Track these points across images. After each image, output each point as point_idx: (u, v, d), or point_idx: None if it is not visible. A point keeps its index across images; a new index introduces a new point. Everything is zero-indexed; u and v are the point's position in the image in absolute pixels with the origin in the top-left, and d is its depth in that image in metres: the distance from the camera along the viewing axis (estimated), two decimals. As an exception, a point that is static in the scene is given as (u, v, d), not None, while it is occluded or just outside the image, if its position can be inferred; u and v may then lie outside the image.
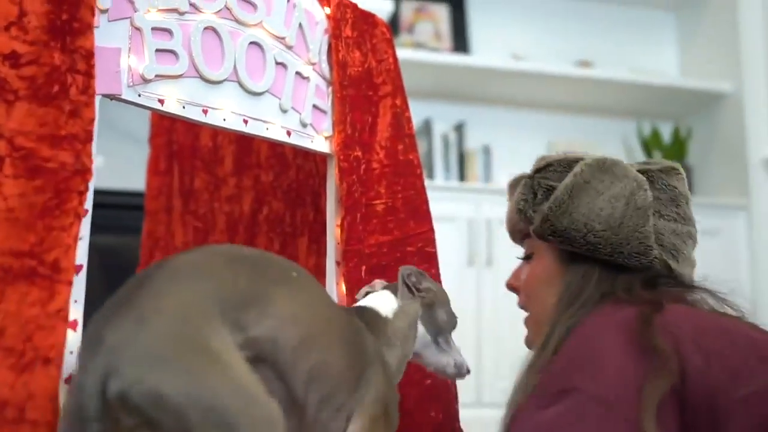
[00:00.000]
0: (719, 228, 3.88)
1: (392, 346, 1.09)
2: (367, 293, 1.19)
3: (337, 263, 1.36)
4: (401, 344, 1.10)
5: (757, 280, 3.83)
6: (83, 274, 0.97)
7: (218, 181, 1.72)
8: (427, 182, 3.70)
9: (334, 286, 1.35)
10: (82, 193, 0.97)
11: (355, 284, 1.33)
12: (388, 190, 1.46)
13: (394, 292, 1.14)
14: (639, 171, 1.20)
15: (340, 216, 1.37)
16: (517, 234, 1.29)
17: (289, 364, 0.86)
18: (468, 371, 1.16)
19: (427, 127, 3.83)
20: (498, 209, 3.60)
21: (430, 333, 1.14)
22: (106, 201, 3.16)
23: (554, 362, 1.00)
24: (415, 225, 1.44)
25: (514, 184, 1.31)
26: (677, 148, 4.18)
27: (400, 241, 1.43)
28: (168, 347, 0.74)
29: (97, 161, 1.01)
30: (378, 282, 1.22)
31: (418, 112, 3.89)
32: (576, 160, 1.20)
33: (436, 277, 1.42)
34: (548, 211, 1.15)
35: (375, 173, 1.44)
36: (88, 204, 0.98)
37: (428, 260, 1.44)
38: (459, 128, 3.91)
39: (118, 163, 3.03)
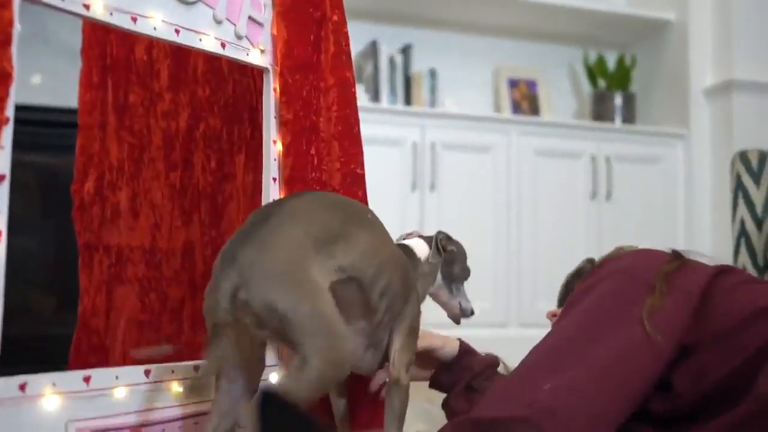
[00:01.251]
0: (660, 156, 3.96)
1: (421, 280, 1.38)
2: (404, 238, 1.47)
3: (274, 179, 1.34)
4: (426, 280, 1.41)
5: (692, 205, 3.94)
6: (6, 184, 0.94)
7: (153, 96, 1.67)
8: (372, 105, 3.72)
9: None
10: (2, 99, 0.93)
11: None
12: (330, 111, 1.44)
13: (428, 243, 1.43)
14: None
15: (285, 140, 1.35)
16: None
17: (368, 282, 1.15)
18: (472, 313, 1.48)
19: (373, 48, 3.78)
20: (443, 133, 3.62)
21: (446, 280, 1.45)
22: (44, 118, 3.09)
23: None
24: (348, 145, 1.43)
25: None
26: (621, 76, 4.22)
27: (336, 162, 1.42)
28: (281, 271, 1.01)
29: (34, 78, 0.97)
30: (415, 232, 1.50)
31: (364, 33, 3.83)
32: None
33: (363, 199, 1.42)
34: None
35: (320, 94, 1.42)
36: (9, 111, 0.95)
37: (357, 182, 1.43)
38: (405, 51, 3.87)
39: (55, 81, 2.93)
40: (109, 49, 1.72)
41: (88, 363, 1.73)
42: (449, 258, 1.45)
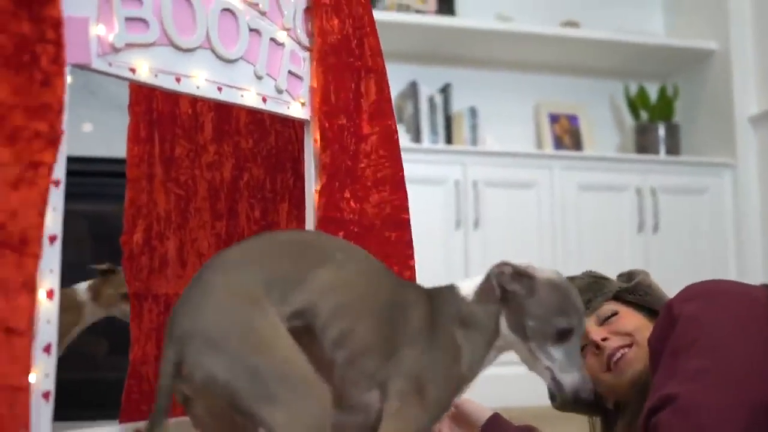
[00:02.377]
0: (706, 186, 3.90)
1: (470, 328, 1.07)
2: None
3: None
4: (475, 330, 1.07)
5: (741, 235, 3.86)
6: (58, 244, 0.98)
7: (198, 148, 1.72)
8: (414, 145, 3.75)
9: (314, 252, 1.36)
10: (54, 162, 0.97)
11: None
12: (370, 157, 1.47)
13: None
14: None
15: (321, 183, 1.37)
16: None
17: (320, 327, 1.00)
18: (576, 393, 1.04)
19: (413, 89, 3.82)
20: (485, 170, 3.63)
21: (517, 333, 1.06)
22: (95, 169, 3.18)
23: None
24: (391, 191, 1.45)
25: None
26: (664, 107, 4.18)
27: (376, 207, 1.44)
28: (218, 335, 0.91)
29: (85, 128, 1.01)
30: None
31: (403, 74, 3.88)
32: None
33: (409, 243, 1.44)
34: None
35: (358, 140, 1.45)
36: (61, 173, 0.99)
37: (402, 226, 1.45)
38: (445, 90, 3.90)
39: (104, 131, 3.03)
40: (155, 104, 1.78)
41: (139, 410, 1.76)
42: (514, 302, 1.06)
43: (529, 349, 1.06)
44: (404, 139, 3.68)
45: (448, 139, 3.86)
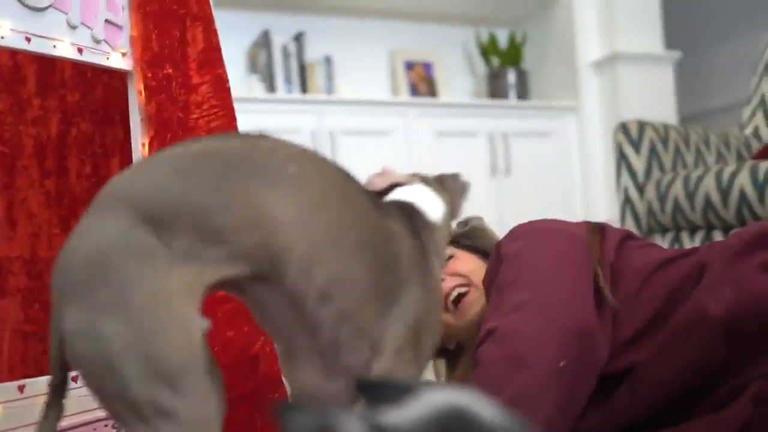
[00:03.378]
0: (553, 129, 4.07)
1: (441, 257, 0.96)
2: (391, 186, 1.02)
3: (145, 182, 1.34)
4: (440, 249, 0.96)
5: (586, 176, 4.08)
6: None
7: (22, 102, 1.63)
8: (268, 95, 3.70)
9: (144, 206, 1.33)
10: None
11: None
12: (202, 107, 1.44)
13: (436, 189, 1.02)
14: None
15: (149, 135, 1.34)
16: None
17: (293, 278, 0.74)
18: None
19: (265, 38, 3.76)
20: (340, 119, 3.63)
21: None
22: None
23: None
24: (225, 140, 1.43)
25: None
26: (513, 53, 4.31)
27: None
28: (89, 284, 0.68)
29: None
30: (415, 177, 1.05)
31: (255, 23, 3.80)
32: None
33: None
34: None
35: (188, 90, 1.41)
36: None
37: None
38: (298, 38, 3.86)
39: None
40: (-29, 55, 1.67)
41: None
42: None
43: None
44: (258, 90, 3.63)
45: (303, 89, 3.84)
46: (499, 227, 1.69)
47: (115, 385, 0.67)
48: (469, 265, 1.46)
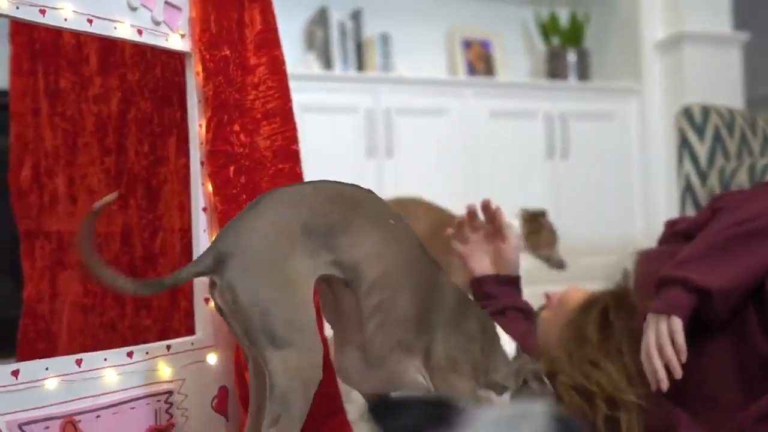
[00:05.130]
0: (614, 111, 3.99)
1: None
2: None
3: (202, 163, 1.35)
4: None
5: (646, 160, 3.99)
6: None
7: (84, 80, 1.66)
8: (324, 73, 3.70)
9: (200, 187, 1.34)
10: None
11: (222, 184, 1.33)
12: (258, 88, 1.44)
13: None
14: None
15: (206, 116, 1.35)
16: None
17: (363, 292, 1.07)
18: None
19: (323, 15, 3.75)
20: (396, 98, 3.62)
21: None
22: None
23: None
24: (281, 122, 1.43)
25: None
26: (574, 33, 4.23)
27: (267, 140, 1.42)
28: (253, 260, 1.00)
29: None
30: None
31: (312, 0, 3.80)
32: None
33: (300, 175, 1.43)
34: None
35: (245, 71, 1.42)
36: None
37: (292, 158, 1.44)
38: (356, 16, 3.84)
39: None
40: (36, 33, 1.70)
41: (35, 348, 1.74)
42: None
43: None
44: (315, 67, 3.63)
45: (360, 66, 3.83)
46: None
47: (262, 323, 0.99)
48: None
